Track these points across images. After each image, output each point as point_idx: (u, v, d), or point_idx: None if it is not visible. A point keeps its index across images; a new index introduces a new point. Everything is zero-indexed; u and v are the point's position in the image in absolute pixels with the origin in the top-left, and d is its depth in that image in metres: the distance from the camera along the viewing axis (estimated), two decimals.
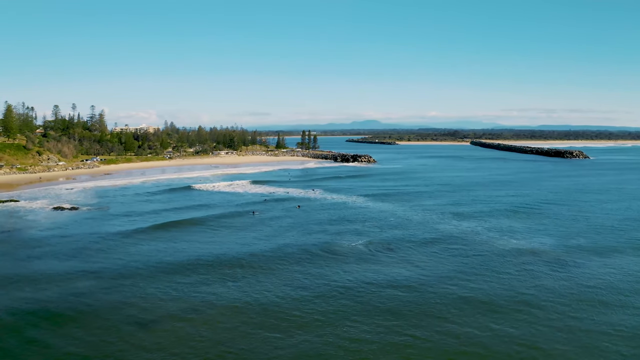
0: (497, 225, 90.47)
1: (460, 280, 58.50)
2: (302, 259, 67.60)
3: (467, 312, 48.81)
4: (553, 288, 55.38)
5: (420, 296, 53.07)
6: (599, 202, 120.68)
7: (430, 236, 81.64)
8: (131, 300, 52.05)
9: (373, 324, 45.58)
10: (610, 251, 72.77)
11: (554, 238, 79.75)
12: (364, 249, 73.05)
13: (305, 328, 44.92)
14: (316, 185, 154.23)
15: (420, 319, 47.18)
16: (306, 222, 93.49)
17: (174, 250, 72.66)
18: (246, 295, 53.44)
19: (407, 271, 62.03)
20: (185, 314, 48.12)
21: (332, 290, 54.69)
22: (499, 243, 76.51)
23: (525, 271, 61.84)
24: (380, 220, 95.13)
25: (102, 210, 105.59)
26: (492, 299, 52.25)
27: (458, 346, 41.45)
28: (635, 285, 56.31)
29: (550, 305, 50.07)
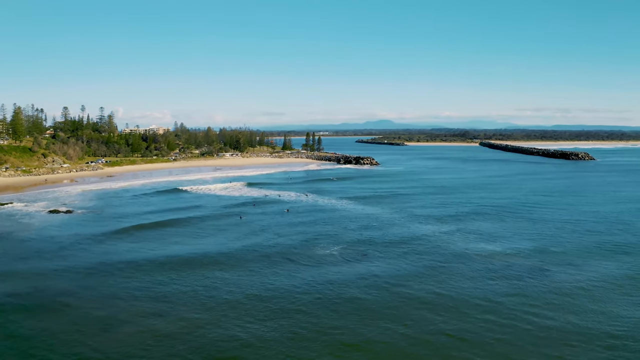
0: (469, 228, 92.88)
1: (415, 281, 61.14)
2: (272, 261, 70.43)
3: (415, 311, 51.54)
4: (508, 290, 57.67)
5: (379, 296, 55.91)
6: (579, 204, 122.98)
7: (403, 239, 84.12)
8: (98, 296, 56.47)
9: (320, 322, 48.40)
10: (576, 254, 74.67)
11: (522, 241, 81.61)
12: (336, 253, 75.51)
13: (262, 323, 48.08)
14: (313, 187, 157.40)
15: (370, 317, 50.05)
16: (289, 225, 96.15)
17: (148, 250, 77.29)
18: (212, 292, 57.21)
19: (370, 273, 64.54)
20: (150, 309, 51.89)
21: (291, 290, 57.63)
22: (463, 246, 78.73)
23: (480, 272, 64.03)
24: (360, 224, 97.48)
25: (95, 213, 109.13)
26: (442, 300, 54.77)
27: (398, 344, 44.19)
28: (595, 287, 58.28)
29: (503, 306, 52.53)
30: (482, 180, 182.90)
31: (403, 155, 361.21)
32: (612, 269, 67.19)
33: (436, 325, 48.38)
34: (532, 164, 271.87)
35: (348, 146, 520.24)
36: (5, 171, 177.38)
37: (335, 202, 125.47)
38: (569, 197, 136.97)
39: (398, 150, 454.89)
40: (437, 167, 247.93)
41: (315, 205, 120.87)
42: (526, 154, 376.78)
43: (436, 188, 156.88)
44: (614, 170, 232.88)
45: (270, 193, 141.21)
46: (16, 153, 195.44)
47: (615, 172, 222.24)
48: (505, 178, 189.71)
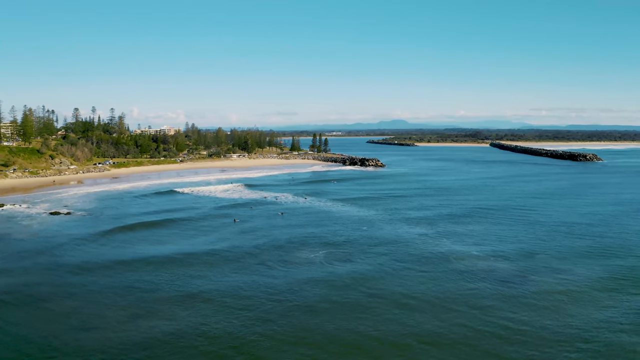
0: (456, 230, 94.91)
1: (392, 282, 62.74)
2: (255, 261, 72.43)
3: (389, 312, 53.64)
4: (484, 292, 59.03)
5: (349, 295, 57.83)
6: (575, 206, 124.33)
7: (388, 242, 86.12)
8: (79, 292, 60.27)
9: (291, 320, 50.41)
10: (558, 256, 75.94)
11: (506, 243, 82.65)
12: (319, 256, 77.29)
13: (238, 321, 50.00)
14: (313, 189, 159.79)
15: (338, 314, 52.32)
16: (279, 227, 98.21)
17: (135, 249, 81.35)
18: (191, 290, 60.38)
19: (350, 275, 66.18)
20: (129, 306, 55.16)
21: (270, 289, 59.56)
22: (446, 248, 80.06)
23: (459, 275, 65.49)
24: (350, 227, 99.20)
25: (93, 215, 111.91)
26: (416, 301, 56.49)
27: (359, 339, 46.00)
28: (553, 289, 59.35)
29: (476, 308, 54.06)
30: (482, 182, 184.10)
31: (411, 157, 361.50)
32: (594, 271, 68.51)
33: (408, 326, 50.22)
34: (538, 166, 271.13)
35: (358, 147, 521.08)
36: (13, 172, 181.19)
37: (331, 205, 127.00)
38: (565, 199, 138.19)
39: (407, 151, 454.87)
40: (441, 169, 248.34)
41: (311, 208, 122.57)
42: (535, 155, 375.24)
43: (434, 190, 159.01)
44: (620, 172, 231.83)
45: (269, 195, 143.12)
46: (24, 155, 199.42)
47: (620, 173, 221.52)
48: (506, 180, 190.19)
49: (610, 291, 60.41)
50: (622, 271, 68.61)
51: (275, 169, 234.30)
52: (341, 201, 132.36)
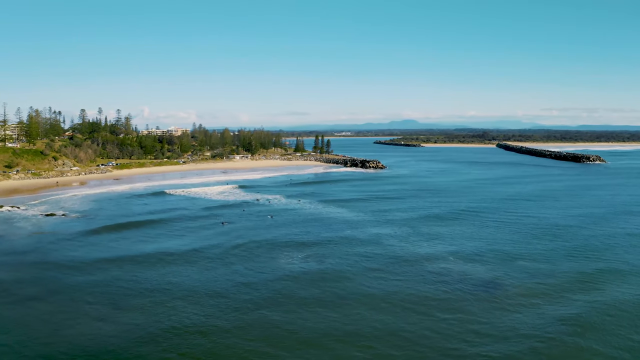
0: (433, 232, 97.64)
1: (361, 282, 65.24)
2: (234, 259, 74.93)
3: (353, 310, 56.36)
4: (438, 293, 60.92)
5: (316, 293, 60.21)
6: (565, 208, 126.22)
7: (366, 242, 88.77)
8: (54, 288, 64.23)
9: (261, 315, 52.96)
10: (527, 258, 78.02)
11: (477, 244, 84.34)
12: (296, 258, 79.42)
13: (210, 315, 52.56)
14: (308, 190, 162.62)
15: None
16: (265, 229, 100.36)
17: (118, 248, 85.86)
18: (166, 286, 63.34)
19: (321, 276, 68.49)
20: (104, 301, 58.70)
21: (242, 286, 62.57)
22: (417, 249, 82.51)
23: (423, 275, 67.36)
24: (335, 229, 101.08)
25: (86, 217, 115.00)
26: (376, 300, 58.77)
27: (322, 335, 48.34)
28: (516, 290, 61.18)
29: (429, 308, 56.15)
30: (477, 184, 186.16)
31: (414, 158, 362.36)
32: (562, 273, 70.44)
33: (369, 323, 52.88)
34: (540, 167, 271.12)
35: (365, 147, 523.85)
36: (16, 174, 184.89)
37: (322, 207, 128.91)
38: (557, 201, 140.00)
39: (412, 152, 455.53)
40: (441, 171, 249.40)
41: (301, 210, 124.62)
42: (539, 157, 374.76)
43: (428, 191, 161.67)
44: (620, 173, 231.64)
45: (262, 197, 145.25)
46: (28, 156, 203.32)
47: (619, 175, 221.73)
48: (502, 181, 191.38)
49: (577, 292, 62.28)
50: (590, 272, 70.69)
51: (276, 171, 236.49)
52: (333, 203, 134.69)
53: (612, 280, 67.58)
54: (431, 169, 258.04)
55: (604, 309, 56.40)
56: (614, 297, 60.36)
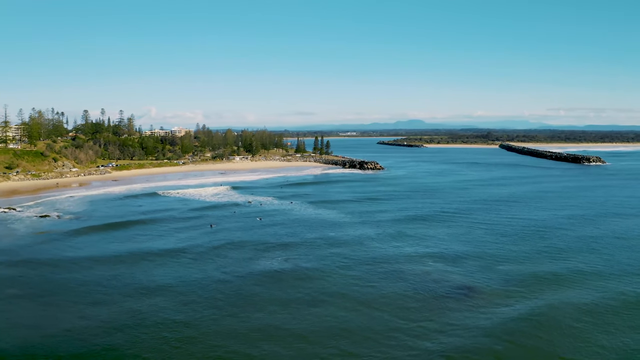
0: (411, 233, 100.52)
1: (330, 281, 67.25)
2: (210, 258, 77.14)
3: (315, 307, 58.92)
4: (408, 292, 62.79)
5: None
6: (553, 209, 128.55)
7: (345, 243, 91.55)
8: (35, 284, 67.68)
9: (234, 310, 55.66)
10: (499, 259, 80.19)
11: (451, 245, 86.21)
12: (274, 258, 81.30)
13: (179, 310, 54.71)
14: (303, 191, 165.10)
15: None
16: (252, 232, 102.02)
17: (104, 247, 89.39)
18: (143, 283, 67.04)
19: (292, 273, 70.62)
20: (85, 297, 62.49)
21: (214, 283, 64.32)
22: (390, 250, 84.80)
23: (392, 274, 69.38)
24: (319, 231, 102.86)
25: (80, 218, 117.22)
26: (340, 299, 61.22)
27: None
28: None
29: (397, 306, 58.13)
30: (470, 185, 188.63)
31: (415, 159, 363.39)
32: (531, 274, 72.37)
33: (338, 321, 55.38)
34: (539, 169, 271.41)
35: (367, 148, 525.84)
36: (16, 175, 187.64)
37: (312, 209, 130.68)
38: (547, 202, 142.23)
39: (414, 153, 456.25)
40: (438, 172, 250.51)
41: (291, 212, 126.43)
42: (540, 157, 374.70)
43: (419, 192, 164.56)
44: (619, 175, 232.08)
45: (255, 199, 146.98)
46: (28, 157, 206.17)
47: (618, 176, 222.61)
48: (497, 183, 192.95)
49: (546, 293, 64.17)
50: (565, 274, 72.82)
51: (273, 172, 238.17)
52: (324, 204, 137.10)
53: (585, 281, 69.28)
54: (429, 170, 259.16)
55: (567, 310, 58.01)
56: (582, 299, 61.92)
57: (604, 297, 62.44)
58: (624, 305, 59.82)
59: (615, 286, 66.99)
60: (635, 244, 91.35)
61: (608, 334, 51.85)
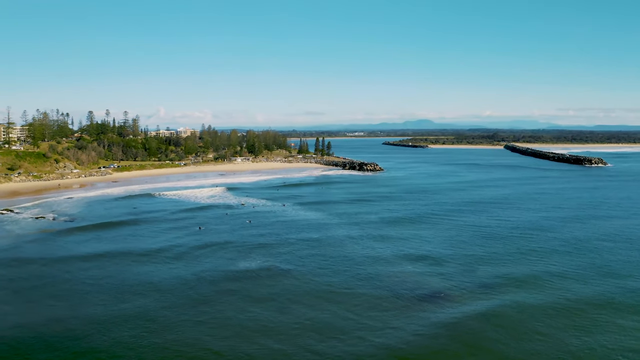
0: (390, 234, 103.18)
1: (303, 280, 70.06)
2: (187, 261, 79.41)
3: (289, 304, 62.08)
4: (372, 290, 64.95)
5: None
6: (529, 210, 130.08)
7: (324, 244, 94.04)
8: (20, 280, 72.33)
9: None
10: (453, 259, 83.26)
11: (428, 246, 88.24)
12: (253, 259, 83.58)
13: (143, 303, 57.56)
14: (297, 193, 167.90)
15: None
16: (238, 234, 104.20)
17: (86, 246, 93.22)
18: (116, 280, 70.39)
19: (266, 271, 72.84)
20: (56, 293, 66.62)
21: (188, 280, 67.26)
22: (365, 251, 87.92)
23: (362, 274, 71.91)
24: (302, 232, 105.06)
25: (74, 220, 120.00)
26: (306, 296, 64.07)
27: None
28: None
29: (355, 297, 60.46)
30: (463, 186, 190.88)
31: (417, 160, 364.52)
32: (495, 275, 74.38)
33: (302, 318, 58.22)
34: (539, 170, 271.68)
35: (372, 149, 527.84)
36: (17, 176, 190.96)
37: (303, 211, 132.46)
38: (537, 204, 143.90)
39: (417, 154, 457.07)
40: (437, 173, 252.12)
41: (282, 214, 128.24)
42: (542, 159, 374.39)
43: (412, 194, 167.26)
44: (619, 177, 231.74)
45: (249, 201, 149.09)
46: (31, 159, 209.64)
47: (618, 179, 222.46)
48: (491, 184, 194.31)
49: (505, 294, 66.04)
50: (531, 274, 74.85)
51: (273, 173, 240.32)
52: (315, 205, 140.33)
53: (559, 283, 70.87)
54: (428, 172, 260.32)
55: (530, 312, 59.83)
56: (549, 300, 63.80)
57: (571, 299, 64.06)
58: (593, 307, 61.31)
59: (590, 289, 68.38)
60: (618, 246, 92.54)
61: (560, 335, 53.53)
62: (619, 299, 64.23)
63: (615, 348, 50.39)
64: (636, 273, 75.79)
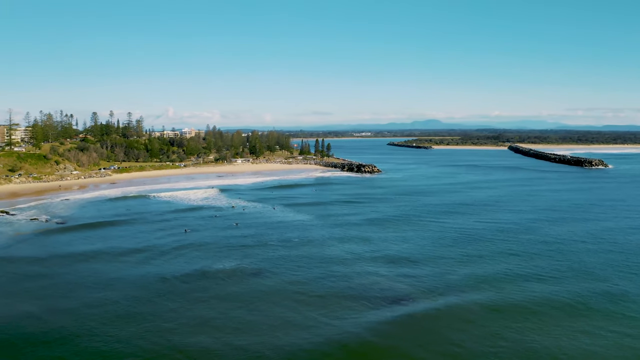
0: (366, 235, 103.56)
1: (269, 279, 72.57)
2: (163, 260, 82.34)
3: (259, 301, 65.50)
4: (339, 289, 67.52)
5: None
6: (507, 211, 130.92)
7: (301, 243, 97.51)
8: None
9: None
10: (422, 259, 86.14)
11: (398, 246, 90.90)
12: (228, 259, 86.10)
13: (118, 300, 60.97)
14: (289, 194, 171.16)
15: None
16: (221, 235, 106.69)
17: (71, 246, 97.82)
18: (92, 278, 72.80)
19: (235, 271, 76.01)
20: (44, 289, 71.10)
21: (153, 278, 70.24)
22: (339, 252, 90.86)
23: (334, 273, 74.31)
24: (284, 235, 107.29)
25: (66, 221, 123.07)
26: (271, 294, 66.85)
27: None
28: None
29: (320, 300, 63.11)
30: (456, 187, 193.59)
31: (418, 161, 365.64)
32: (448, 276, 76.72)
33: (264, 315, 61.25)
34: (538, 172, 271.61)
35: (375, 150, 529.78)
36: (18, 178, 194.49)
37: (291, 213, 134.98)
38: (525, 204, 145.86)
39: (419, 155, 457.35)
40: (434, 175, 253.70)
41: (270, 216, 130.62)
42: (544, 160, 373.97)
43: (403, 195, 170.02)
44: (618, 179, 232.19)
45: (239, 203, 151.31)
46: (32, 160, 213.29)
47: (616, 181, 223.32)
48: (484, 186, 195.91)
49: (459, 293, 68.64)
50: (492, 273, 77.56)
51: (270, 175, 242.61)
52: (304, 207, 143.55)
53: (515, 285, 72.86)
54: (425, 173, 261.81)
55: (476, 311, 62.17)
56: (501, 301, 66.01)
57: (535, 300, 66.11)
58: (558, 309, 63.15)
59: (560, 291, 70.15)
60: (600, 248, 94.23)
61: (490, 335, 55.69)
62: (588, 302, 65.68)
63: (571, 349, 51.97)
64: (612, 276, 76.97)
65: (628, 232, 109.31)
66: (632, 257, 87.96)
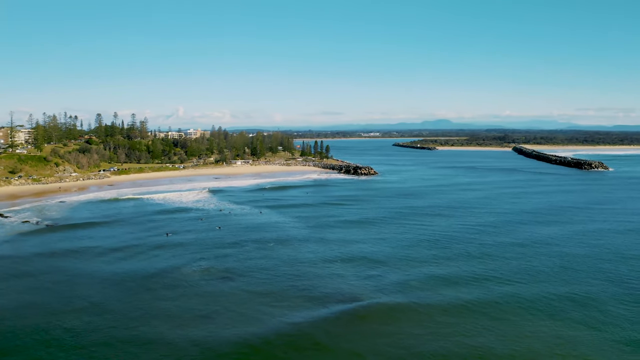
0: (346, 236, 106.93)
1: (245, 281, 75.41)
2: (138, 259, 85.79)
3: (236, 297, 67.34)
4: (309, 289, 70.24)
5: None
6: (488, 214, 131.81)
7: (279, 242, 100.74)
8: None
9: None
10: (392, 261, 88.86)
11: (374, 246, 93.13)
12: (200, 263, 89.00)
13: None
14: (280, 196, 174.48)
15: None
16: (200, 237, 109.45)
17: (56, 245, 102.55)
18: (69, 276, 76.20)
19: (201, 271, 79.02)
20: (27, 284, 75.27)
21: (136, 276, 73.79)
22: (315, 253, 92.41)
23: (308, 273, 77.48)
24: (264, 237, 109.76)
25: (57, 223, 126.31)
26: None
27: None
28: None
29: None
30: (449, 189, 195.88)
31: (418, 163, 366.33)
32: (411, 277, 79.14)
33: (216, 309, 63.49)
34: (535, 174, 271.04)
35: (378, 151, 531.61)
36: (17, 180, 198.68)
37: (276, 216, 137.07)
38: (510, 205, 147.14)
39: (421, 157, 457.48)
40: (430, 177, 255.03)
41: (255, 219, 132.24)
42: (545, 161, 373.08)
43: (392, 197, 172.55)
44: (614, 181, 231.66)
45: (228, 206, 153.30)
46: (32, 162, 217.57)
47: (610, 183, 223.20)
48: (478, 187, 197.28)
49: (416, 293, 71.32)
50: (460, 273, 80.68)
51: (267, 177, 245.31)
52: (291, 209, 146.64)
53: (470, 285, 75.39)
54: (422, 175, 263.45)
55: (430, 311, 64.73)
56: (451, 299, 68.73)
57: (485, 300, 68.44)
58: (505, 311, 65.10)
59: (513, 292, 72.30)
60: (570, 251, 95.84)
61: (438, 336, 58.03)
62: (549, 305, 67.29)
63: (515, 350, 54.04)
64: (582, 280, 78.19)
65: (610, 236, 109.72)
66: (606, 263, 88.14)
